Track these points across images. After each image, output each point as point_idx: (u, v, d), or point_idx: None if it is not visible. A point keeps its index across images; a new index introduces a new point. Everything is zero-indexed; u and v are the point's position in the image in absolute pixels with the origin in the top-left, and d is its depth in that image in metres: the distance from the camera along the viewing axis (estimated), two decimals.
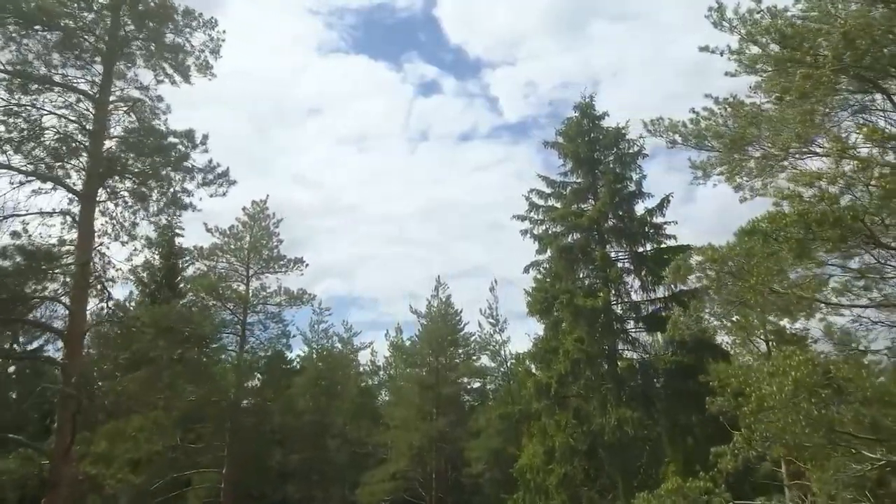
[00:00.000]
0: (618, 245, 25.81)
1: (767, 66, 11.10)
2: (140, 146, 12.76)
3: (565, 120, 28.48)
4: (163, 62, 13.61)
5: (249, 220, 27.37)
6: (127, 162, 12.86)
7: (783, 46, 10.20)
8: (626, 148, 26.91)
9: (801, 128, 10.14)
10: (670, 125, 14.62)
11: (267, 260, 26.47)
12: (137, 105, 13.59)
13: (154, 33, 13.13)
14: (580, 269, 25.61)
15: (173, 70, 13.76)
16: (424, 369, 39.49)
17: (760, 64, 11.97)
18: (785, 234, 9.48)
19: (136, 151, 12.80)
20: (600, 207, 24.89)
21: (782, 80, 10.77)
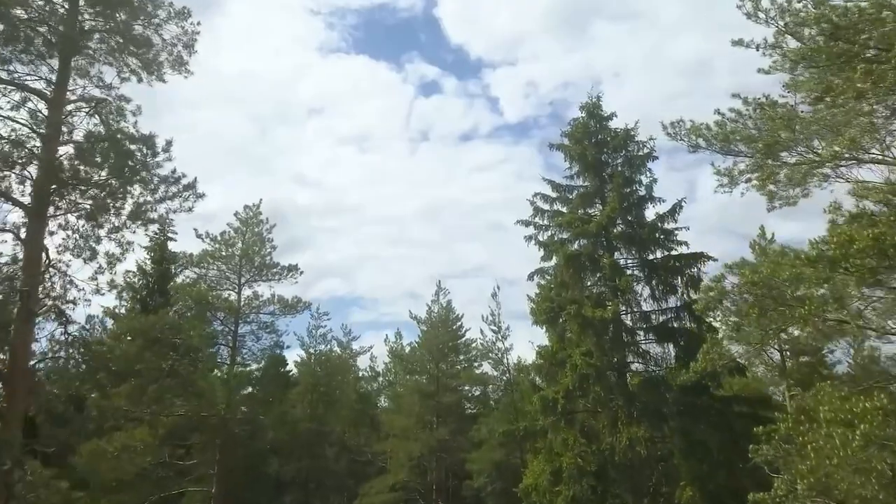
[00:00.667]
0: (627, 252, 24.41)
1: (811, 61, 9.65)
2: (97, 153, 11.20)
3: (571, 121, 27.13)
4: (129, 57, 12.12)
5: (242, 225, 25.95)
6: (80, 171, 11.32)
7: (833, 39, 8.77)
8: (635, 150, 25.53)
9: (855, 132, 8.71)
10: (693, 128, 13.22)
11: (259, 267, 25.04)
12: (100, 106, 12.06)
13: (118, 25, 11.64)
14: (588, 278, 24.20)
15: (142, 67, 12.27)
16: (424, 377, 38.13)
17: (798, 60, 10.58)
18: (854, 261, 8.04)
19: (90, 159, 11.24)
20: (609, 213, 23.47)
21: (829, 76, 9.31)
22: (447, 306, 40.42)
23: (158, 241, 35.94)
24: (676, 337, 23.13)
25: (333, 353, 50.06)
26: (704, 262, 23.51)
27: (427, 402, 36.88)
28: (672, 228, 24.20)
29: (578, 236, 23.91)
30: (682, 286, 23.63)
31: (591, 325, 21.85)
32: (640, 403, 21.75)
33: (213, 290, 24.59)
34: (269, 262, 25.21)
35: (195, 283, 24.43)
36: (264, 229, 25.77)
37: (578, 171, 25.97)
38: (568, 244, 25.08)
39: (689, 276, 23.46)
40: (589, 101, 26.95)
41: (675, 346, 23.12)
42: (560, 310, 23.42)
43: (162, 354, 23.39)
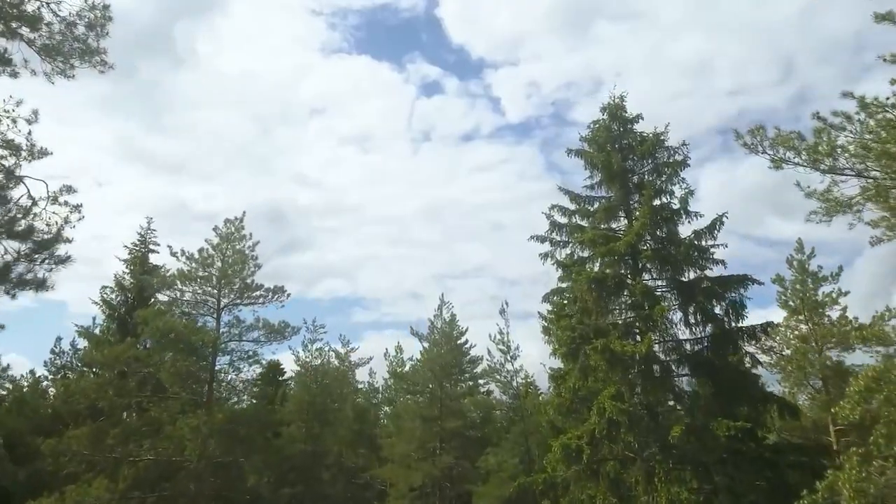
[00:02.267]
0: (658, 273, 21.09)
1: None
2: None
3: (591, 124, 23.82)
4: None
5: (221, 241, 22.62)
6: None
7: None
8: (666, 157, 22.22)
9: None
10: (781, 138, 9.93)
11: (240, 290, 21.74)
12: None
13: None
14: (614, 303, 20.89)
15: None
16: (426, 398, 34.88)
17: None
18: None
19: None
20: (638, 229, 20.16)
21: None
22: (451, 321, 37.16)
23: (138, 252, 32.67)
24: (716, 372, 19.83)
25: (331, 364, 46.97)
26: (748, 286, 20.26)
27: (429, 426, 33.65)
28: (708, 246, 20.95)
29: (604, 256, 20.56)
30: (722, 313, 20.37)
31: (620, 361, 18.55)
32: (678, 452, 18.45)
33: (188, 317, 21.27)
34: (251, 284, 21.89)
35: (166, 310, 21.11)
36: (247, 246, 22.46)
37: (601, 180, 22.69)
38: (591, 264, 21.83)
39: (730, 301, 20.21)
40: (610, 101, 23.68)
41: (713, 382, 19.84)
42: (582, 341, 20.13)
43: (127, 391, 20.16)
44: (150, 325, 19.39)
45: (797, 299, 25.38)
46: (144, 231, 32.56)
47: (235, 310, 21.82)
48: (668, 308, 19.11)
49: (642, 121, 23.40)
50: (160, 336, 19.47)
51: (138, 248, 32.65)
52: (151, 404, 20.85)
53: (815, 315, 25.17)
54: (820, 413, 23.73)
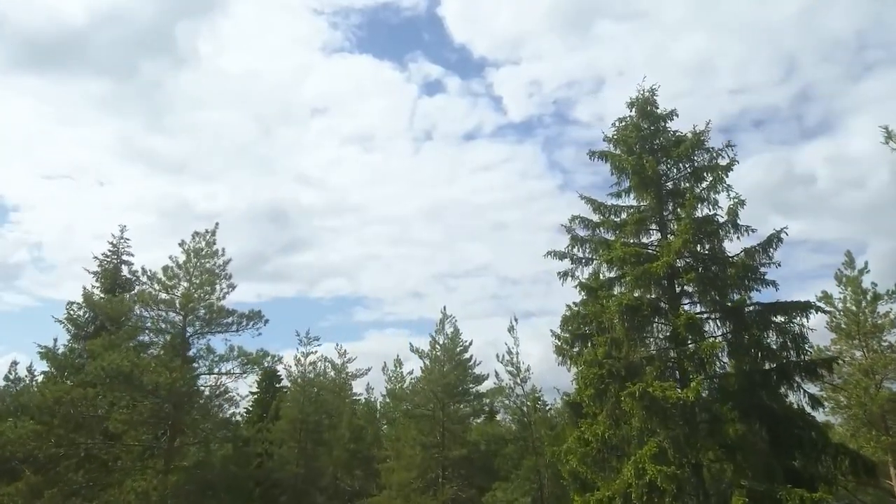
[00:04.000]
0: (700, 297, 17.47)
1: None
2: None
3: (617, 121, 20.20)
4: None
5: (189, 258, 19.03)
6: None
7: None
8: (707, 160, 18.60)
9: None
10: None
11: (209, 316, 18.16)
12: None
13: None
14: (649, 334, 17.29)
15: None
16: (427, 422, 31.31)
17: None
18: None
19: None
20: (679, 247, 16.53)
21: None
22: (453, 335, 33.59)
23: (109, 263, 29.07)
24: (772, 418, 16.24)
25: (328, 375, 43.48)
26: (811, 315, 16.66)
27: (431, 453, 30.13)
28: (755, 264, 17.32)
29: (637, 279, 16.91)
30: (777, 345, 16.76)
31: (661, 410, 14.95)
32: None
33: (148, 349, 17.68)
34: (221, 309, 18.30)
35: (118, 342, 17.50)
36: (218, 264, 18.85)
37: (630, 186, 19.08)
38: (619, 287, 18.25)
39: (788, 332, 16.60)
40: (639, 94, 20.08)
41: (769, 430, 16.26)
42: (612, 379, 16.57)
43: (70, 440, 16.63)
44: (95, 363, 15.92)
45: (851, 322, 21.70)
46: (117, 240, 28.95)
47: (203, 339, 18.27)
48: (718, 345, 15.41)
49: (676, 118, 19.85)
50: (105, 376, 15.96)
51: (109, 258, 29.02)
52: (103, 454, 17.34)
53: (872, 340, 21.52)
54: (882, 456, 20.12)
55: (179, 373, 16.98)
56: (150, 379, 16.20)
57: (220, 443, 19.03)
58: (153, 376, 16.30)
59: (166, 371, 16.79)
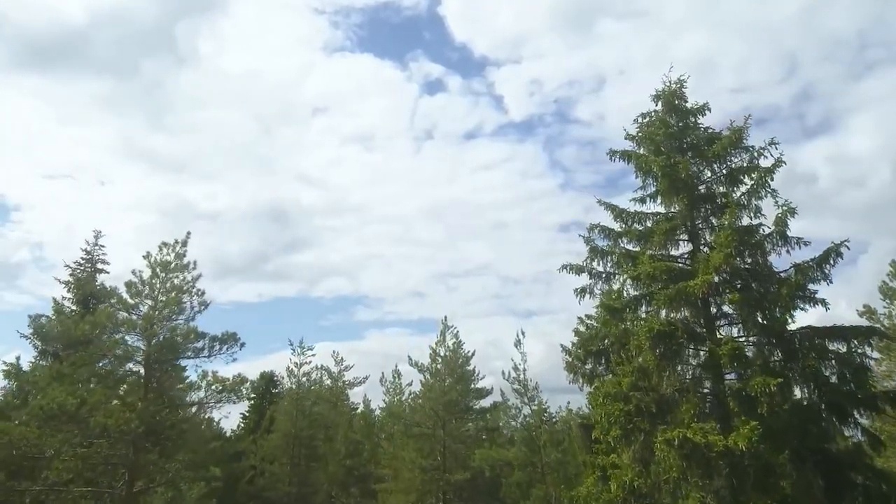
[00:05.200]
0: (743, 320, 14.83)
1: None
2: None
3: (638, 117, 17.58)
4: None
5: (155, 272, 16.43)
6: None
7: None
8: (747, 160, 15.97)
9: None
10: None
11: (169, 344, 15.53)
12: None
13: None
14: (684, 364, 14.69)
15: None
16: (428, 442, 28.74)
17: None
18: None
19: None
20: (720, 262, 13.88)
21: None
22: (455, 348, 30.98)
23: (82, 272, 26.43)
24: (830, 464, 13.63)
25: (323, 385, 40.90)
26: (875, 343, 14.05)
27: (431, 476, 27.56)
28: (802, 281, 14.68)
29: (671, 300, 14.29)
30: (835, 377, 14.14)
31: (704, 461, 12.36)
32: None
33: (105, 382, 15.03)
34: (190, 332, 15.68)
35: (67, 371, 14.84)
36: (186, 281, 16.24)
37: (658, 190, 16.46)
38: (646, 304, 15.64)
39: (850, 363, 13.98)
40: (666, 87, 17.45)
41: (825, 477, 13.64)
42: (641, 417, 13.96)
43: (8, 488, 14.02)
44: (35, 401, 13.33)
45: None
46: (91, 247, 26.32)
47: (167, 365, 15.64)
48: (773, 381, 12.75)
49: (708, 113, 17.24)
50: (44, 416, 13.35)
51: (83, 267, 26.38)
52: (51, 501, 14.77)
53: None
54: None
55: (135, 411, 14.35)
56: (97, 421, 13.61)
57: (193, 482, 16.48)
58: (101, 417, 13.67)
59: (121, 408, 14.19)
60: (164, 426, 14.97)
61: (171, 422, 15.31)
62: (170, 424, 15.28)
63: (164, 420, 15.33)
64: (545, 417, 29.87)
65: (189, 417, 16.15)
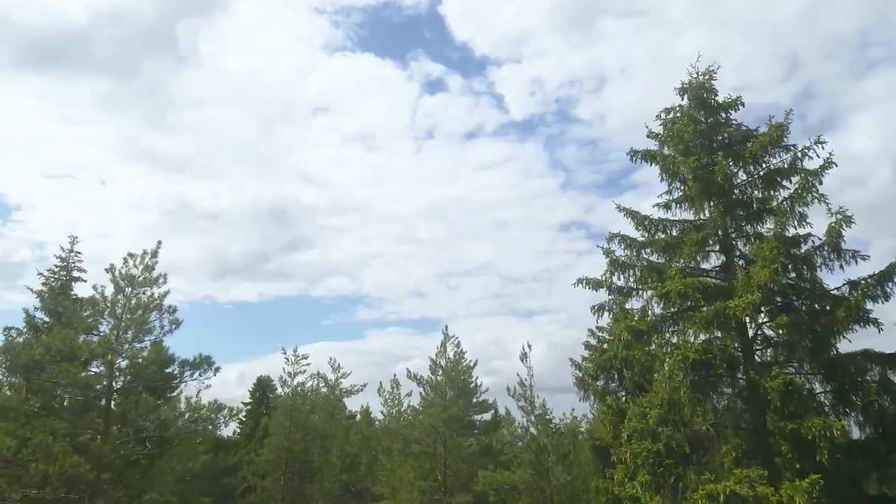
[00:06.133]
0: (789, 345, 12.77)
1: None
2: None
3: (662, 113, 15.51)
4: None
5: (119, 285, 14.35)
6: None
7: None
8: (788, 160, 13.90)
9: None
10: None
11: (133, 370, 13.43)
12: None
13: None
14: (720, 396, 12.63)
15: None
16: (427, 461, 26.67)
17: None
18: None
19: None
20: (764, 278, 11.79)
21: None
22: (456, 360, 28.92)
23: (56, 280, 24.33)
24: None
25: (319, 393, 38.82)
26: None
27: (431, 499, 25.50)
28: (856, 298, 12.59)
29: (708, 324, 12.23)
30: None
31: None
32: None
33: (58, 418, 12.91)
34: (153, 358, 13.57)
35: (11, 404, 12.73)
36: (150, 298, 14.15)
37: (687, 195, 14.39)
38: (676, 324, 13.60)
39: None
40: (692, 79, 15.36)
41: None
42: (672, 460, 11.90)
43: None
44: None
45: None
46: (66, 253, 24.22)
47: (132, 394, 13.57)
48: (836, 425, 10.64)
49: (742, 108, 15.18)
50: None
51: (56, 275, 24.26)
52: None
53: None
54: None
55: (89, 453, 12.27)
56: (38, 468, 11.56)
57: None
58: (42, 465, 11.63)
59: (68, 452, 12.11)
60: (127, 463, 12.94)
61: (137, 458, 13.26)
62: (134, 461, 13.24)
63: (128, 456, 13.28)
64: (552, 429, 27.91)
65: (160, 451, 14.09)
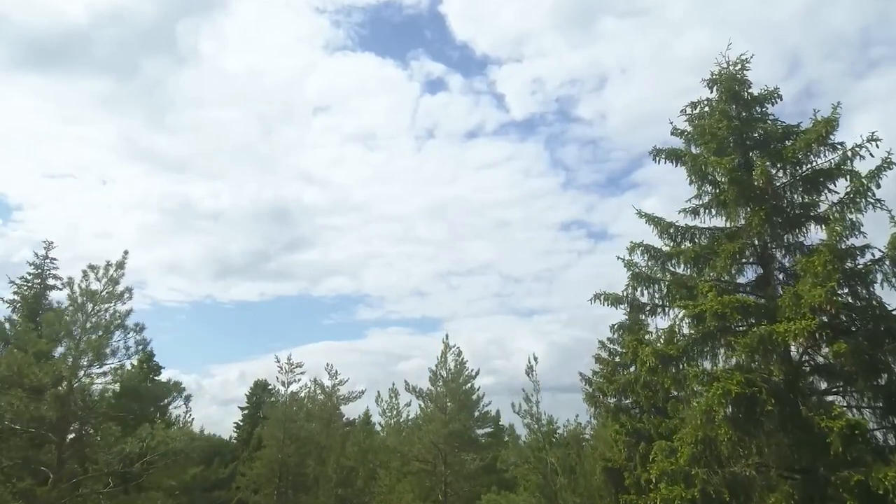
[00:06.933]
0: (845, 376, 10.96)
1: None
2: None
3: (688, 107, 13.75)
4: None
5: (76, 306, 12.57)
6: None
7: None
8: (835, 161, 12.06)
9: None
10: None
11: (90, 403, 11.56)
12: None
13: None
14: (766, 436, 10.82)
15: None
16: (427, 479, 24.95)
17: None
18: None
19: None
20: (820, 298, 9.96)
21: None
22: (458, 369, 27.19)
23: (30, 288, 22.65)
24: None
25: (316, 401, 37.08)
26: None
27: None
28: None
29: (754, 352, 10.41)
30: None
31: None
32: None
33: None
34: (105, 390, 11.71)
35: None
36: (113, 316, 12.32)
37: (720, 199, 12.59)
38: (710, 346, 11.79)
39: None
40: (722, 69, 13.54)
41: None
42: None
43: None
44: None
45: None
46: (41, 260, 22.48)
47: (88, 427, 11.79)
48: None
49: (780, 101, 13.35)
50: None
51: (29, 284, 22.52)
52: None
53: None
54: None
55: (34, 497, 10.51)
56: None
57: None
58: None
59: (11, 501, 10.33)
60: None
61: (97, 498, 11.49)
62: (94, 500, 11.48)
63: (88, 495, 11.51)
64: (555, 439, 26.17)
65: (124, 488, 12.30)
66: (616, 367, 21.07)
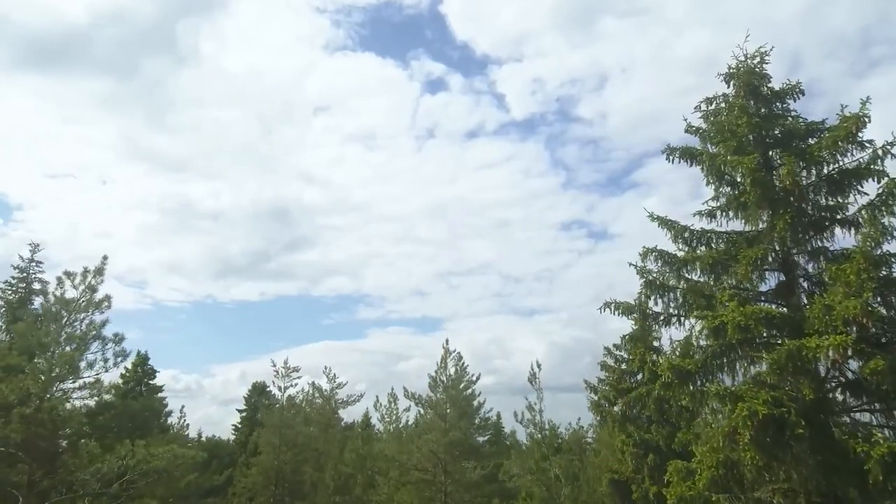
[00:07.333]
0: (881, 398, 10.06)
1: None
2: None
3: (703, 103, 12.84)
4: None
5: (51, 315, 11.70)
6: None
7: None
8: (866, 161, 11.16)
9: None
10: None
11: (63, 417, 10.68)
12: None
13: None
14: (793, 460, 9.91)
15: None
16: (427, 489, 24.04)
17: None
18: None
19: None
20: (855, 311, 9.06)
21: None
22: (458, 375, 26.28)
23: (14, 292, 21.87)
24: None
25: (313, 405, 36.20)
26: None
27: None
28: None
29: (781, 368, 9.51)
30: None
31: None
32: None
33: None
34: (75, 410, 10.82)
35: None
36: (94, 326, 11.45)
37: (740, 201, 11.69)
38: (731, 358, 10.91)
39: None
40: (740, 63, 12.62)
41: None
42: None
43: None
44: None
45: None
46: (27, 262, 21.63)
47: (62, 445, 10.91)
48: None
49: (802, 96, 12.44)
50: None
51: (14, 287, 21.72)
52: None
53: None
54: None
55: None
56: None
57: None
58: None
59: None
60: None
61: None
62: None
63: None
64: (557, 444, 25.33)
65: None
66: (623, 374, 20.23)
